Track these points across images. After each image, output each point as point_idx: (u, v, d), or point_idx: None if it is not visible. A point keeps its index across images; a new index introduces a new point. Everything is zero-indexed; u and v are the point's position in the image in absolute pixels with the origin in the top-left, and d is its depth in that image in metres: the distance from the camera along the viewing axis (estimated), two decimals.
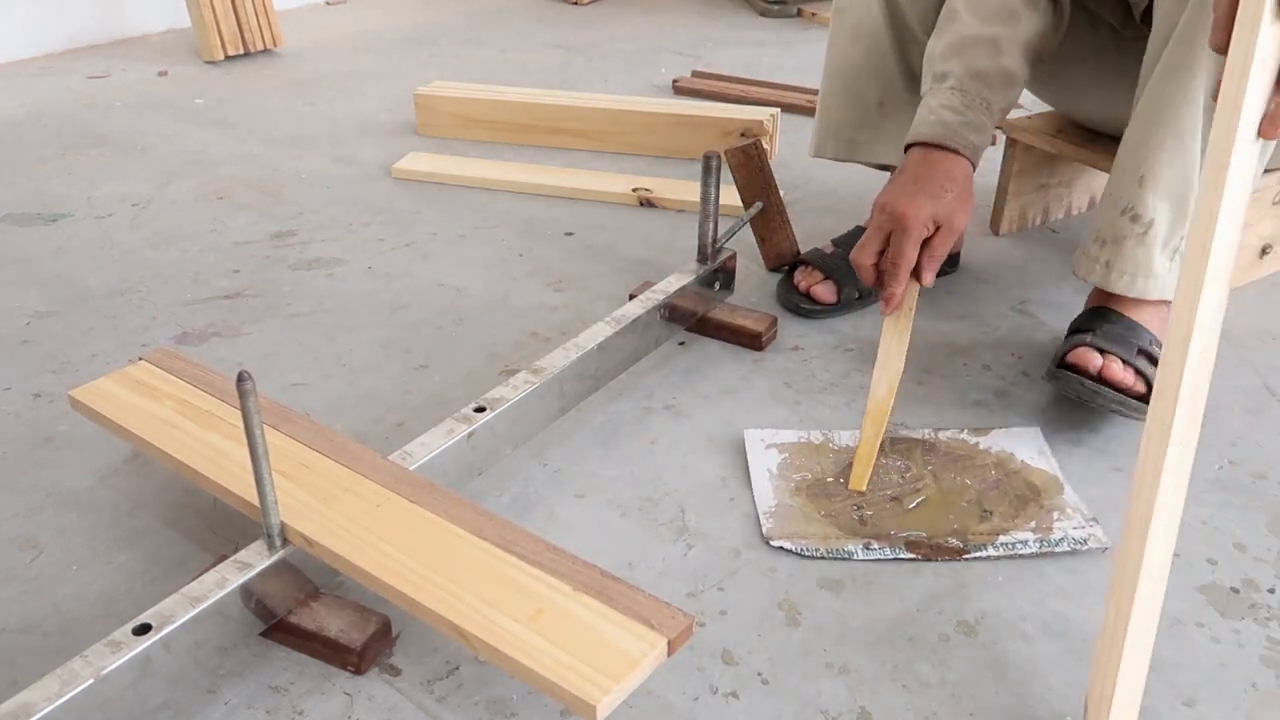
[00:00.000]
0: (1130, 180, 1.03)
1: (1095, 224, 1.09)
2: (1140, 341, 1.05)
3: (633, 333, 1.11)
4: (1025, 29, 1.06)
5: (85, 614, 0.84)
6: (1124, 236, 1.05)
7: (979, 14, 1.05)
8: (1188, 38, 0.95)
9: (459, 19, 2.83)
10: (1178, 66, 0.96)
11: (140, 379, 0.96)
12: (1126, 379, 1.01)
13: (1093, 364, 1.01)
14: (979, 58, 1.05)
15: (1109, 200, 1.07)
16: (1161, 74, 0.99)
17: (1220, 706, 0.77)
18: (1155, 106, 1.01)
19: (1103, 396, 1.00)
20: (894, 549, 0.90)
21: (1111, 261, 1.06)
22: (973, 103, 1.05)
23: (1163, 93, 0.99)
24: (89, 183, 1.69)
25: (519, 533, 0.77)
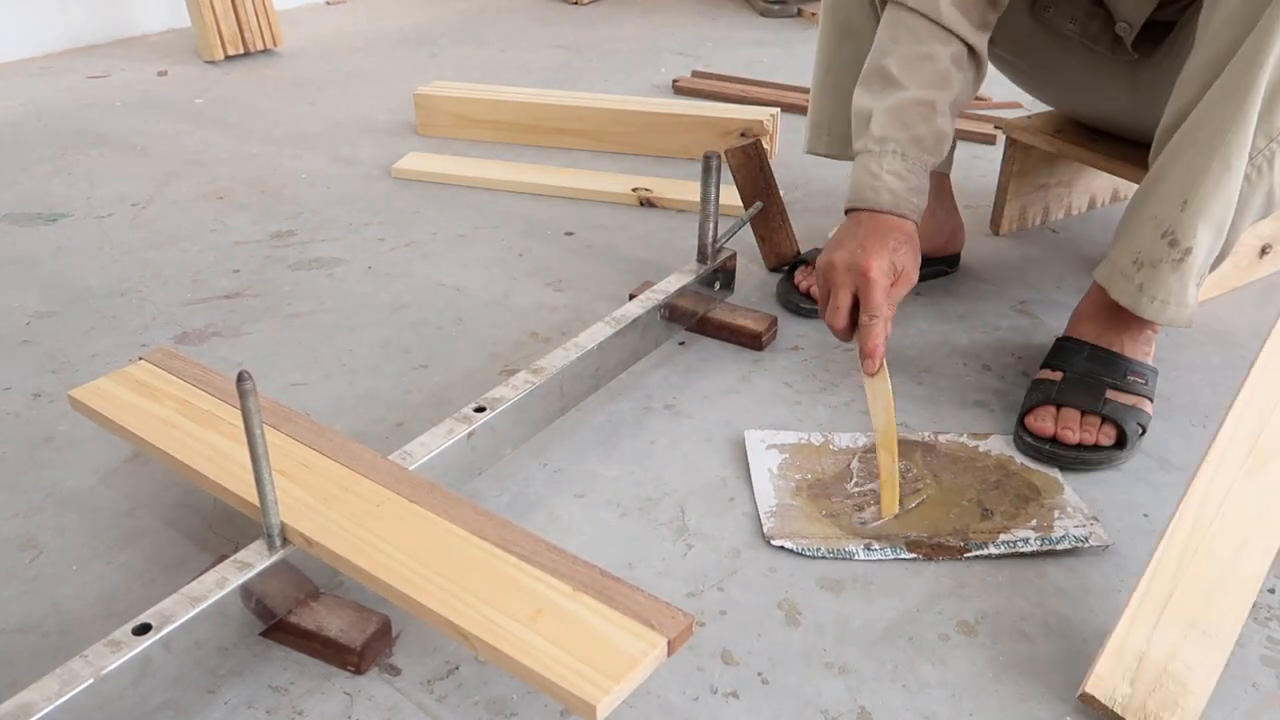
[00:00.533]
0: (1172, 203, 1.00)
1: (1131, 241, 1.05)
2: (1113, 377, 1.04)
3: (633, 333, 1.11)
4: (956, 91, 1.09)
5: (85, 614, 0.84)
6: (1160, 260, 1.02)
7: (917, 80, 1.07)
8: (1248, 63, 0.92)
9: (459, 19, 2.83)
10: (1233, 91, 0.94)
11: (140, 379, 0.96)
12: (1086, 436, 1.02)
13: (1046, 431, 1.02)
14: (918, 123, 1.07)
15: (1148, 219, 1.03)
16: (1215, 97, 0.96)
17: (1220, 706, 0.77)
18: (1204, 129, 0.97)
19: (1061, 458, 1.01)
20: (895, 549, 0.90)
21: (1145, 285, 1.03)
22: (915, 168, 1.07)
23: (1213, 115, 0.96)
24: (89, 183, 1.69)
25: (519, 533, 0.77)
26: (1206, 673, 0.73)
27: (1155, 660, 0.73)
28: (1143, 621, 0.74)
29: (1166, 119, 1.02)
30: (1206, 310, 1.31)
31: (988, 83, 2.23)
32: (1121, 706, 0.71)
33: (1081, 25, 1.20)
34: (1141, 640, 0.73)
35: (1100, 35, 1.19)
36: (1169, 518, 0.80)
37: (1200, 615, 0.75)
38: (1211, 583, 0.77)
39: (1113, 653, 0.72)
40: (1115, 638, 0.73)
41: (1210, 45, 0.96)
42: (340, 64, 2.39)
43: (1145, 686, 0.72)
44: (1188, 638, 0.74)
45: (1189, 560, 0.77)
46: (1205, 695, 0.72)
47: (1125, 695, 0.71)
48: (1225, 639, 0.75)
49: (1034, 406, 1.04)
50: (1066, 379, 1.05)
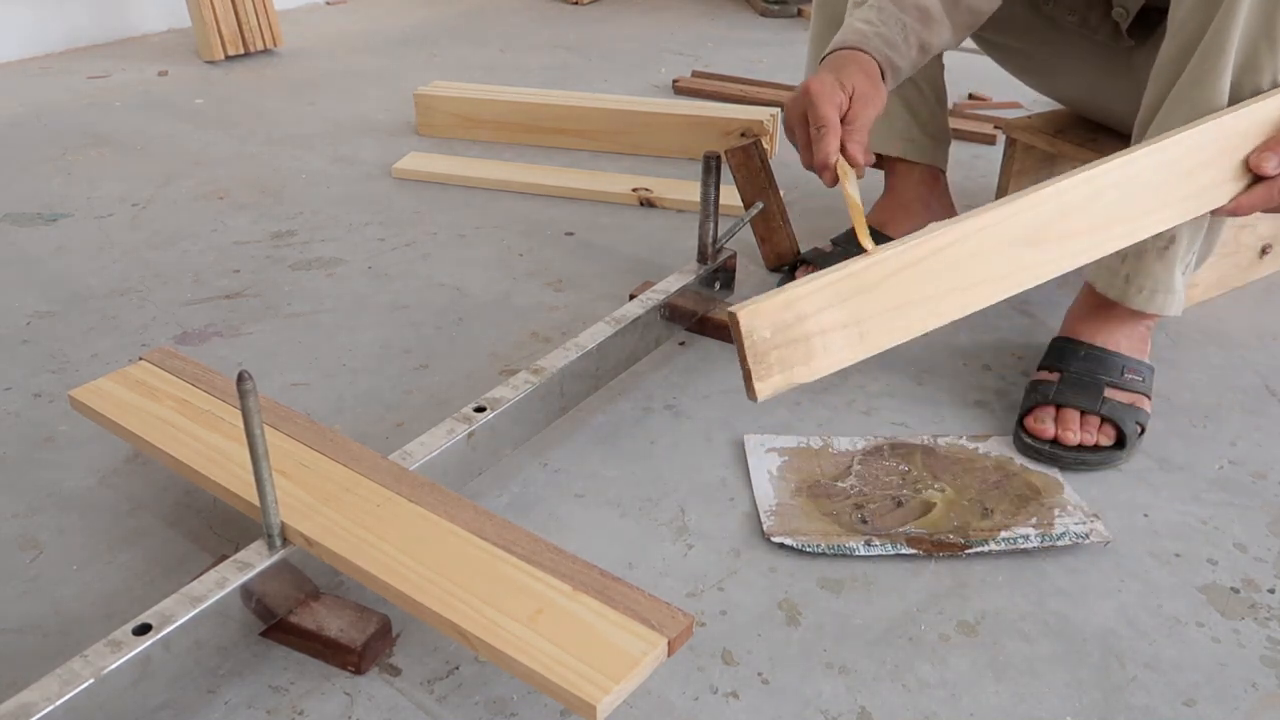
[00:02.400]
0: None
1: None
2: (1110, 376, 1.05)
3: (633, 333, 1.11)
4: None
5: (85, 614, 0.84)
6: (1145, 250, 1.03)
7: None
8: (1214, 50, 0.93)
9: (459, 19, 2.83)
10: (1202, 78, 0.95)
11: (140, 379, 0.96)
12: (1086, 437, 1.02)
13: (1046, 433, 1.02)
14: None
15: None
16: (1184, 84, 0.97)
17: (1220, 706, 0.77)
18: (1177, 118, 0.98)
19: (1061, 459, 1.01)
20: (895, 545, 0.90)
21: (1132, 276, 1.05)
22: (887, 19, 1.03)
23: (1185, 104, 0.97)
24: (89, 183, 1.69)
25: (519, 533, 0.77)
26: (833, 361, 0.72)
27: (808, 329, 0.71)
28: (827, 296, 0.71)
29: (1143, 110, 1.04)
30: (1206, 310, 1.31)
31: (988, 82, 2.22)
32: (751, 343, 0.69)
33: (1080, 15, 1.20)
34: (811, 307, 0.71)
35: (1099, 24, 1.19)
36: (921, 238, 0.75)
37: (872, 319, 0.73)
38: (902, 303, 0.74)
39: (785, 301, 0.69)
40: (799, 291, 0.70)
41: (1179, 34, 0.97)
42: (340, 64, 2.39)
43: (781, 339, 0.70)
44: (846, 328, 0.72)
45: (911, 273, 0.74)
46: (816, 376, 0.72)
47: (762, 338, 0.69)
48: (871, 348, 0.74)
49: (1033, 408, 1.04)
50: (1064, 379, 1.05)
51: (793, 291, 0.69)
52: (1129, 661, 0.81)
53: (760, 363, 0.69)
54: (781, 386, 0.69)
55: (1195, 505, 0.98)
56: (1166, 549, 0.92)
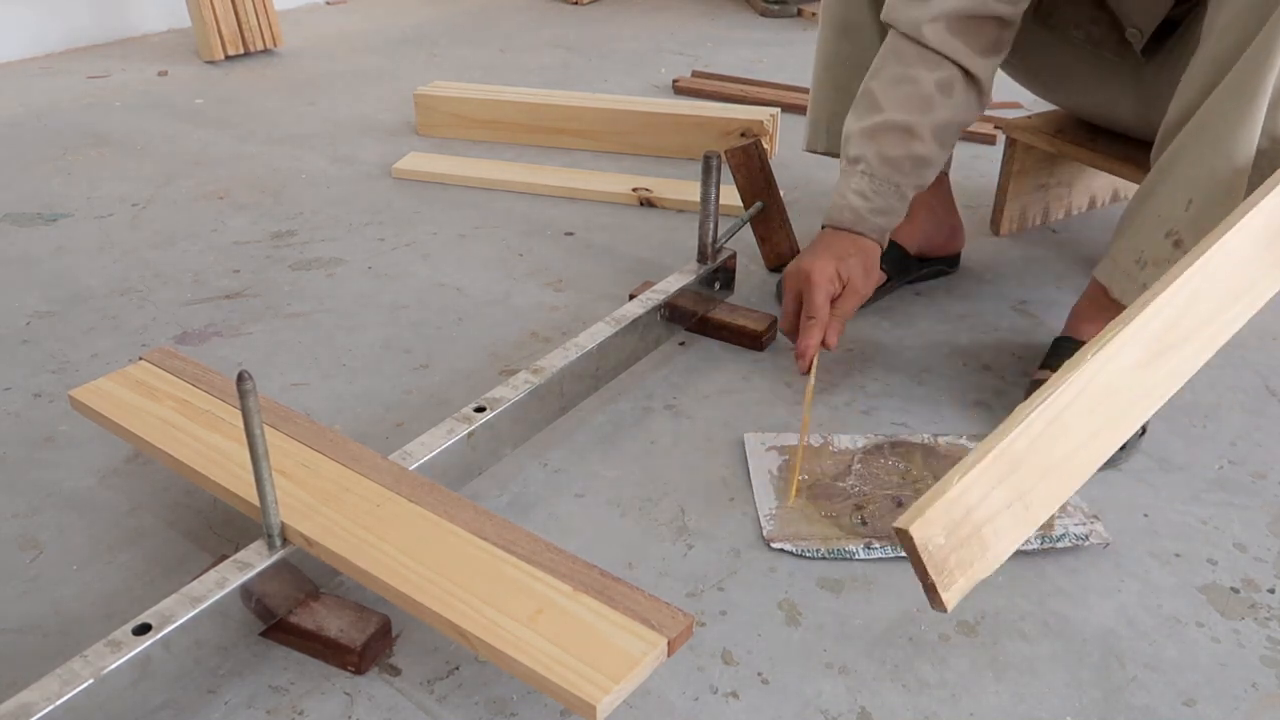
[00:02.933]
0: (1177, 202, 1.00)
1: (1134, 239, 1.04)
2: None
3: (633, 333, 1.11)
4: (939, 115, 1.10)
5: (85, 614, 0.84)
6: (1164, 260, 1.01)
7: (895, 104, 1.10)
8: (1256, 64, 0.92)
9: (459, 19, 2.83)
10: (1240, 91, 0.93)
11: (140, 379, 0.96)
12: None
13: None
14: (892, 145, 1.10)
15: (1151, 218, 1.02)
16: (1221, 96, 0.95)
17: (1220, 706, 0.77)
18: (1209, 129, 0.97)
19: None
20: (895, 548, 0.90)
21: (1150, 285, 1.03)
22: (881, 188, 1.11)
23: (1219, 115, 0.96)
24: (89, 183, 1.69)
25: (519, 533, 0.77)
26: (1008, 544, 0.70)
27: (976, 520, 0.69)
28: (986, 480, 0.70)
29: (1170, 117, 1.02)
30: None
31: None
32: (928, 555, 0.67)
33: (1086, 30, 1.20)
34: (975, 497, 0.69)
35: (1106, 39, 1.19)
36: (1048, 389, 0.74)
37: (1032, 490, 0.72)
38: (1056, 461, 0.74)
39: (950, 501, 0.67)
40: (959, 487, 0.69)
41: (1217, 44, 0.96)
42: (340, 64, 2.39)
43: (955, 541, 0.68)
44: (1011, 508, 0.71)
45: (1050, 433, 0.73)
46: (996, 564, 0.70)
47: (938, 545, 0.68)
48: (1039, 518, 0.72)
49: None
50: None
51: (955, 487, 0.67)
52: (1129, 661, 0.81)
53: (942, 572, 0.67)
54: (966, 589, 0.68)
55: (1195, 505, 0.98)
56: (1166, 549, 0.92)
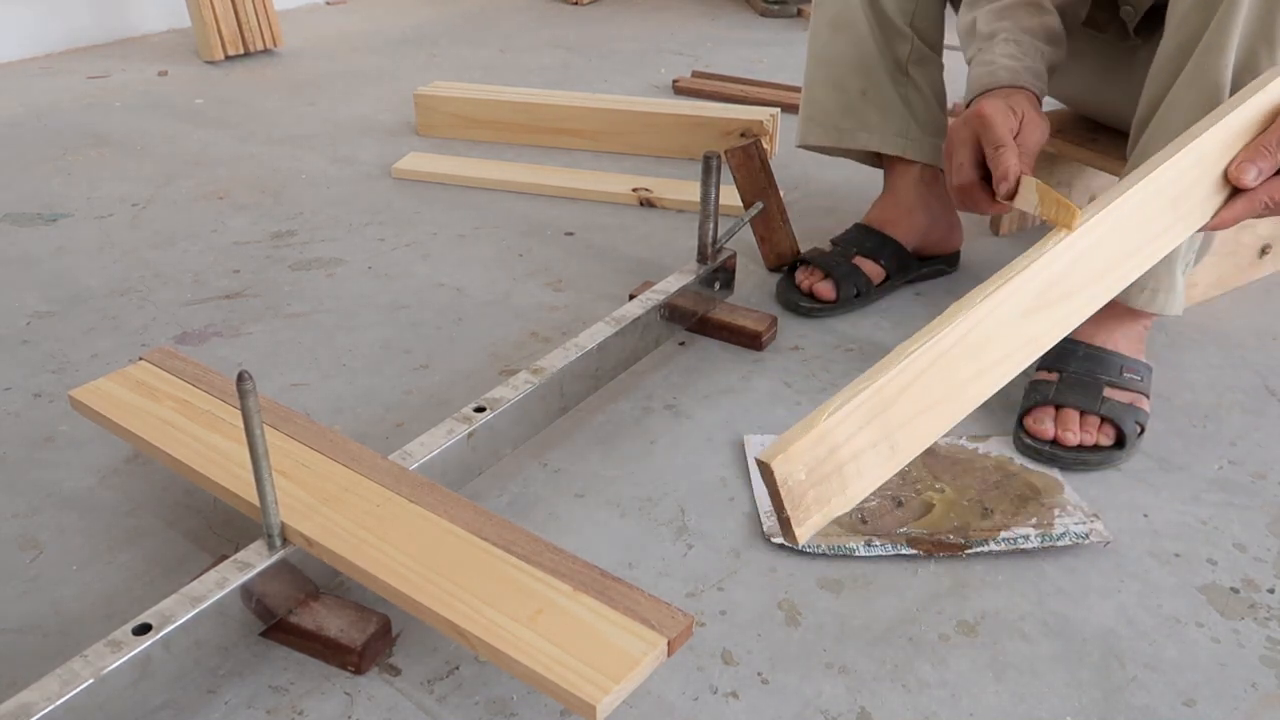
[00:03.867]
0: None
1: None
2: (1109, 375, 1.05)
3: (633, 333, 1.11)
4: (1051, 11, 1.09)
5: (85, 614, 0.84)
6: None
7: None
8: (1213, 49, 0.93)
9: (459, 19, 2.83)
10: (1201, 78, 0.95)
11: (140, 379, 0.96)
12: (1086, 438, 1.02)
13: (1046, 434, 1.02)
14: (1025, 16, 1.07)
15: None
16: (1183, 84, 0.97)
17: (1220, 706, 0.77)
18: (1175, 118, 0.98)
19: (1061, 460, 1.01)
20: (895, 545, 0.90)
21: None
22: (1029, 51, 1.05)
23: (1183, 103, 0.97)
24: (89, 183, 1.69)
25: (519, 533, 0.77)
26: (868, 483, 0.68)
27: (840, 457, 0.67)
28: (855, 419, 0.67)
29: (1140, 110, 1.04)
30: (1206, 310, 1.31)
31: None
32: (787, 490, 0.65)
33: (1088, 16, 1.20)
34: (841, 436, 0.67)
35: (1105, 22, 1.19)
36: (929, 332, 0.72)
37: (900, 430, 0.70)
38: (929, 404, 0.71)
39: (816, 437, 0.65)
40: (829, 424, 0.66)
41: (1177, 33, 0.97)
42: (340, 64, 2.39)
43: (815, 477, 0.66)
44: (877, 447, 0.69)
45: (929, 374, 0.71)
46: (854, 503, 0.68)
47: (798, 480, 0.65)
48: (903, 459, 0.70)
49: (1032, 408, 1.04)
50: (1063, 379, 1.05)
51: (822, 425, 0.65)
52: (1129, 661, 0.81)
53: (798, 507, 0.65)
54: (821, 524, 0.66)
55: (1195, 505, 0.98)
56: (1166, 549, 0.92)
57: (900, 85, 1.27)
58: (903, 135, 1.29)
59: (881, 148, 1.29)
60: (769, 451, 0.64)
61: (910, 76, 1.27)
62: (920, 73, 1.27)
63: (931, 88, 1.29)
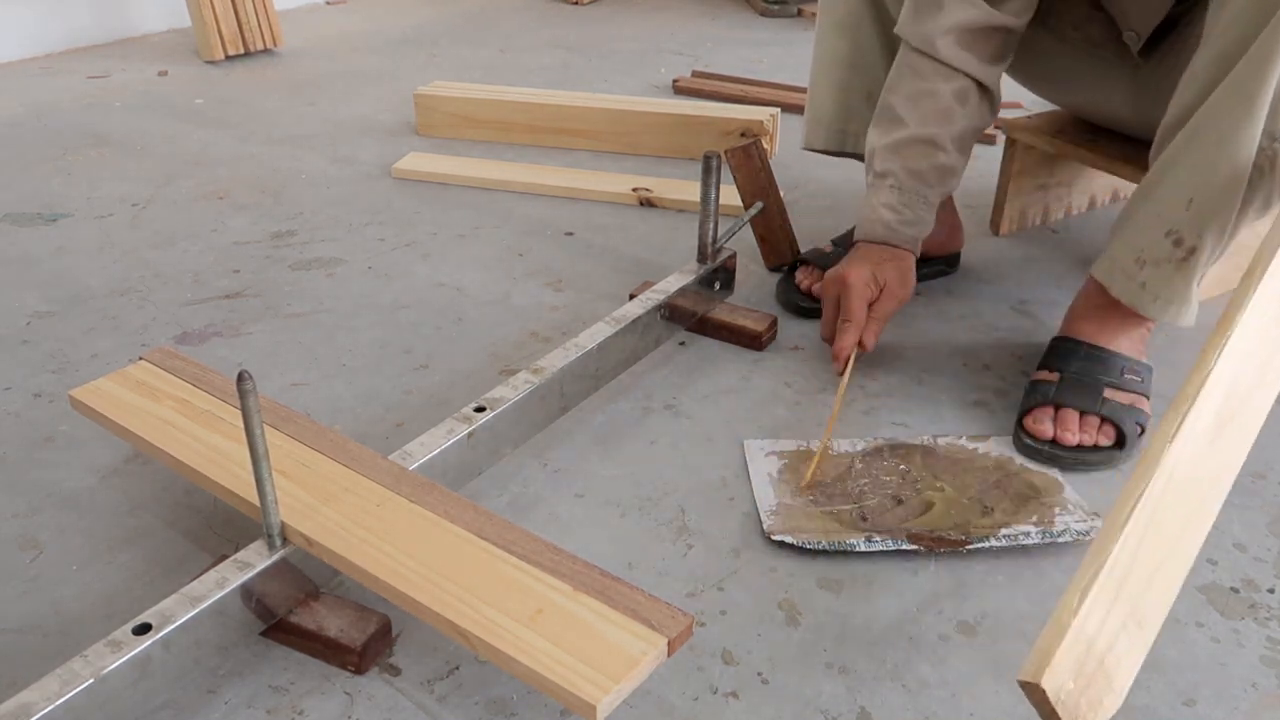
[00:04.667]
0: (1177, 201, 0.99)
1: (1133, 238, 1.04)
2: (1109, 376, 1.04)
3: (633, 333, 1.11)
4: (959, 125, 1.14)
5: (85, 614, 0.84)
6: (1164, 259, 1.01)
7: (917, 118, 1.13)
8: (1259, 61, 0.91)
9: (459, 19, 2.83)
10: (1242, 90, 0.93)
11: (140, 379, 0.96)
12: (1085, 438, 1.01)
13: (1045, 434, 1.02)
14: (917, 159, 1.14)
15: (1151, 217, 1.02)
16: (1222, 95, 0.95)
17: (1220, 706, 0.77)
18: (1210, 128, 0.96)
19: (1061, 460, 1.01)
20: (896, 540, 0.90)
21: (1149, 284, 1.03)
22: (910, 200, 1.15)
23: (1220, 114, 0.95)
24: (89, 183, 1.69)
25: (519, 533, 0.77)
26: (1130, 668, 0.65)
27: (1098, 651, 0.63)
28: (1101, 603, 0.63)
29: (1170, 116, 1.02)
30: (1206, 310, 1.30)
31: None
32: (1063, 706, 0.60)
33: (1084, 32, 1.20)
34: (1094, 626, 0.62)
35: (1104, 40, 1.19)
36: (1134, 489, 0.68)
37: (1140, 601, 0.66)
38: (1157, 564, 0.67)
39: (1074, 639, 0.60)
40: (1080, 620, 0.62)
41: (1218, 42, 0.95)
42: (340, 64, 2.39)
43: (1084, 681, 0.62)
44: (1126, 628, 0.65)
45: (1149, 535, 0.67)
46: (1124, 694, 0.65)
47: (1069, 692, 0.60)
48: (1153, 629, 0.67)
49: (1032, 408, 1.04)
50: (1064, 379, 1.05)
51: (1075, 624, 0.60)
52: None
53: (1076, 718, 0.60)
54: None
55: None
56: None
57: None
58: None
59: None
60: (1031, 669, 0.58)
61: None
62: None
63: None
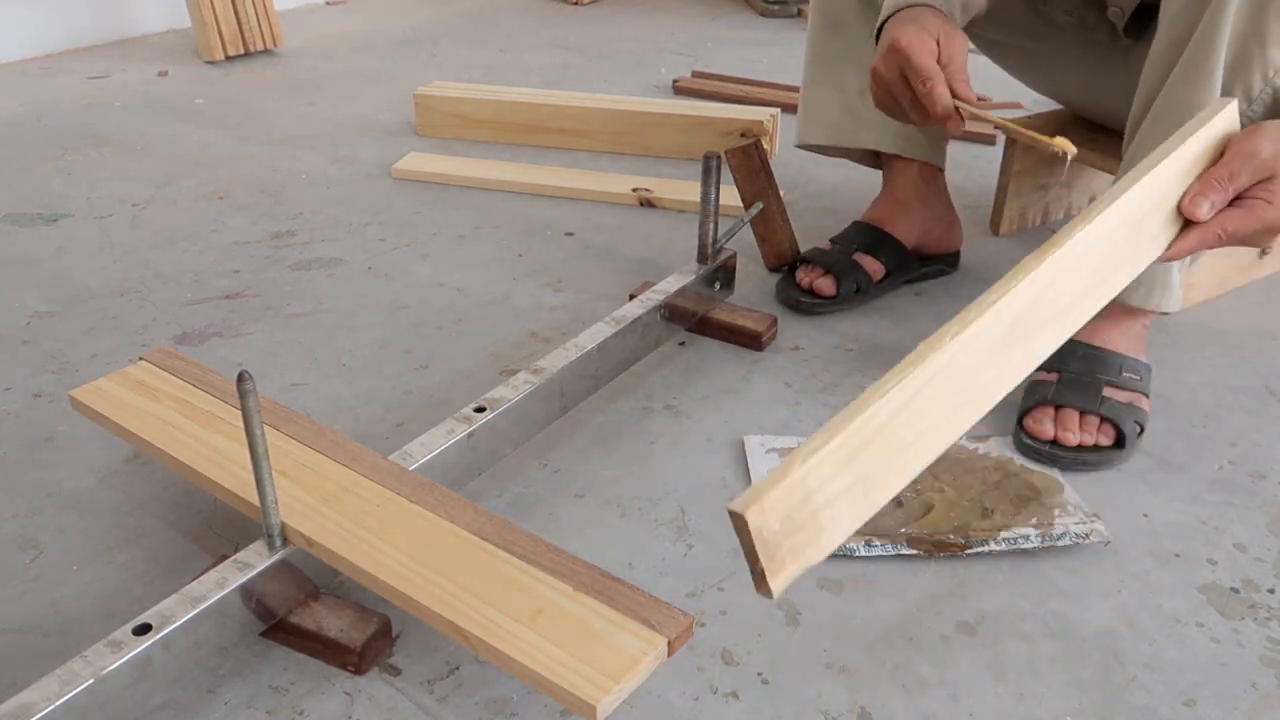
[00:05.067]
0: None
1: None
2: (1108, 375, 1.05)
3: (633, 333, 1.11)
4: None
5: (85, 614, 0.84)
6: None
7: None
8: (1204, 49, 0.93)
9: (459, 19, 2.83)
10: (1195, 74, 0.95)
11: (140, 379, 0.96)
12: (1085, 438, 1.02)
13: (1045, 434, 1.02)
14: None
15: None
16: (1177, 80, 0.97)
17: (1220, 706, 0.77)
18: (1170, 114, 0.98)
19: (1061, 460, 1.01)
20: (895, 545, 0.90)
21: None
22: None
23: (1177, 99, 0.97)
24: (89, 183, 1.69)
25: (519, 533, 0.77)
26: (843, 530, 0.64)
27: (814, 505, 0.62)
28: (831, 464, 0.63)
29: (1134, 110, 1.04)
30: (1206, 310, 1.31)
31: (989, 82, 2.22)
32: (761, 542, 0.59)
33: (1078, 15, 1.20)
34: (816, 481, 0.62)
35: (1096, 23, 1.19)
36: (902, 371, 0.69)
37: (874, 474, 0.66)
38: (903, 444, 0.68)
39: (791, 485, 0.60)
40: (804, 470, 0.61)
41: (1169, 30, 0.97)
42: (340, 64, 2.39)
43: (790, 527, 0.61)
44: (850, 491, 0.65)
45: (903, 414, 0.67)
46: (828, 552, 0.64)
47: (772, 531, 0.60)
48: (877, 503, 0.66)
49: (1032, 408, 1.04)
50: (1063, 379, 1.05)
51: (796, 471, 0.61)
52: (1129, 661, 0.81)
53: (773, 559, 0.60)
54: (795, 575, 0.61)
55: (1195, 505, 0.98)
56: (1166, 549, 0.92)
57: None
58: (901, 134, 1.29)
59: (880, 146, 1.29)
60: (741, 501, 0.59)
61: None
62: None
63: None
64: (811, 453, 0.62)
